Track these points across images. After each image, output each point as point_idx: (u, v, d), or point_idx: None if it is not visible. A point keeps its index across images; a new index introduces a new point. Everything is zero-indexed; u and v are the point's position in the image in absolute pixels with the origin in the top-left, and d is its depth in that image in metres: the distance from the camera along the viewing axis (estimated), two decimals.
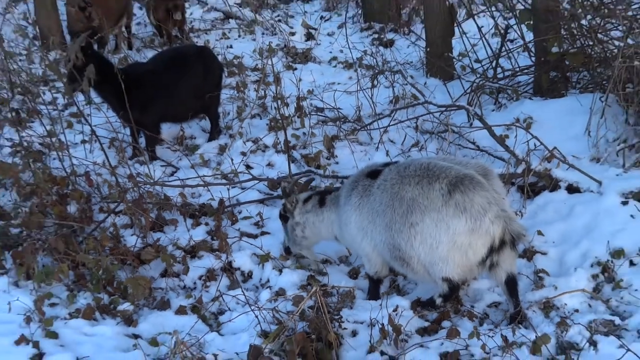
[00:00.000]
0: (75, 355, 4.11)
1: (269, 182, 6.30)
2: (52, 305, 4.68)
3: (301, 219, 5.01)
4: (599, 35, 6.70)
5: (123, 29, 10.22)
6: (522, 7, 7.59)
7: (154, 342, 4.32)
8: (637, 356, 3.75)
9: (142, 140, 7.00)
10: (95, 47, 6.89)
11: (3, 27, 9.96)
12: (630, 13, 6.60)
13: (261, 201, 6.11)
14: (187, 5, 11.29)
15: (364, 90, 7.66)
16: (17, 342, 4.13)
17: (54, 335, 4.28)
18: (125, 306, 4.67)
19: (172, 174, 6.71)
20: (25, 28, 10.49)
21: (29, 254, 4.99)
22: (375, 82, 7.82)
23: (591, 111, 5.90)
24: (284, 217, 5.13)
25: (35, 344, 4.14)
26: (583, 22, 6.85)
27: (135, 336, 4.40)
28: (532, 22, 7.08)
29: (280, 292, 4.79)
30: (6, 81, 8.43)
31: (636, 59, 5.62)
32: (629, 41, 5.99)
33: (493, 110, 6.96)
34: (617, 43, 6.42)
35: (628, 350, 3.80)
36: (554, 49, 6.69)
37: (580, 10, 6.87)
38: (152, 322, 4.56)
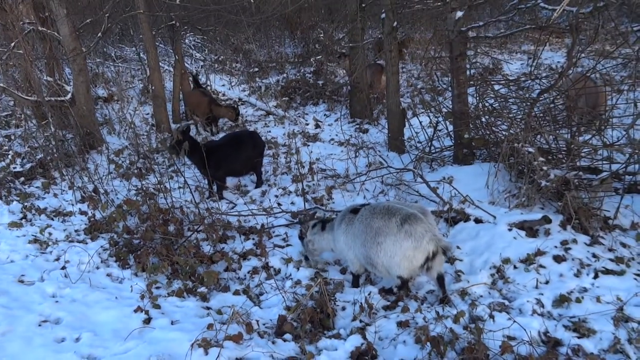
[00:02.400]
0: (170, 319, 4.11)
1: (292, 214, 6.26)
2: (157, 288, 4.68)
3: (311, 237, 4.98)
4: (493, 128, 6.73)
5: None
6: (446, 110, 7.63)
7: (219, 312, 4.30)
8: (519, 324, 3.71)
9: (214, 187, 6.98)
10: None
11: (134, 118, 10.05)
12: (511, 115, 6.64)
13: (287, 225, 6.06)
14: (242, 107, 11.40)
15: (350, 159, 7.66)
16: (135, 311, 4.14)
17: (158, 306, 4.28)
18: (202, 289, 4.66)
19: (232, 208, 6.67)
20: (147, 119, 10.58)
21: (144, 256, 5.01)
22: (357, 154, 7.82)
23: (489, 174, 5.88)
24: (301, 237, 5.10)
25: (146, 312, 4.14)
26: (483, 120, 6.88)
27: (208, 308, 4.39)
28: (452, 119, 7.11)
29: (298, 282, 4.75)
30: (134, 150, 8.49)
31: (515, 142, 5.62)
32: (511, 132, 6.01)
33: (429, 172, 6.95)
34: (504, 133, 6.44)
35: (514, 322, 3.76)
36: (466, 136, 6.72)
37: (481, 112, 6.91)
38: (218, 299, 4.55)
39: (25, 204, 6.46)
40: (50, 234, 5.69)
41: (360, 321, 4.08)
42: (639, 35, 6.37)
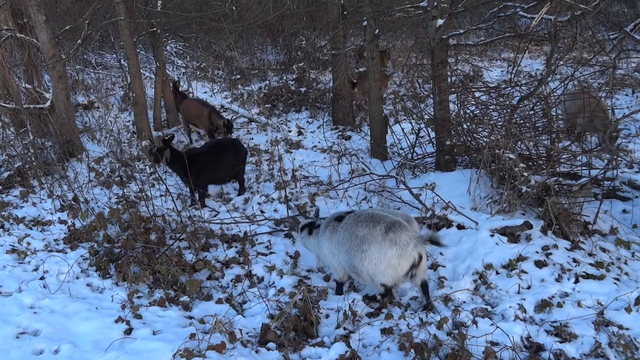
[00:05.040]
0: (152, 330, 4.04)
1: (275, 221, 6.24)
2: (139, 297, 4.59)
3: (301, 241, 5.01)
4: (474, 135, 6.79)
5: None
6: (428, 117, 7.69)
7: (202, 321, 4.25)
8: (502, 330, 3.73)
9: (197, 195, 6.92)
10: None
11: (115, 126, 9.94)
12: (492, 122, 6.71)
13: (270, 233, 6.03)
14: (224, 114, 11.35)
15: (333, 166, 7.66)
16: (116, 321, 4.08)
17: (139, 316, 4.22)
18: (185, 298, 4.60)
19: (215, 216, 6.61)
20: (128, 126, 10.48)
21: (125, 265, 4.94)
22: (340, 161, 7.83)
23: (470, 180, 5.93)
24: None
25: (127, 322, 4.07)
26: (464, 126, 6.94)
27: (190, 317, 4.33)
28: (434, 126, 7.16)
29: (281, 290, 4.71)
30: (115, 158, 8.39)
31: (496, 149, 5.68)
32: (492, 138, 6.08)
33: (411, 178, 6.99)
34: (485, 139, 6.51)
35: (497, 327, 3.77)
36: (447, 143, 6.77)
37: (462, 119, 6.98)
38: (201, 308, 4.49)
39: (3, 213, 6.34)
40: (28, 243, 5.58)
41: (344, 329, 4.06)
42: (615, 44, 6.49)
